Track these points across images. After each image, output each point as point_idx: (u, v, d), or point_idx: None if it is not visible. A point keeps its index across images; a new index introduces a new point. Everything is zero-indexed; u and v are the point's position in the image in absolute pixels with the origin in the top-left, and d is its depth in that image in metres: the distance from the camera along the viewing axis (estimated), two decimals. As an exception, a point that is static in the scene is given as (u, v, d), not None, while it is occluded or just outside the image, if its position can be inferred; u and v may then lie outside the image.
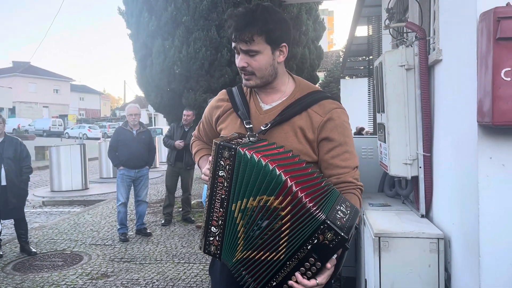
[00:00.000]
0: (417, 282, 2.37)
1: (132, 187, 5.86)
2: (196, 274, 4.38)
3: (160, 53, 8.37)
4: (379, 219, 2.68)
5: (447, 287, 2.37)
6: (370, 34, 7.49)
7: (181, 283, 4.16)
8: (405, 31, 3.13)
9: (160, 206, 7.61)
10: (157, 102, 9.07)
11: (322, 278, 1.29)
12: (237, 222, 1.37)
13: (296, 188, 1.27)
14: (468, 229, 2.03)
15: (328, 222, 1.22)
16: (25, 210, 5.30)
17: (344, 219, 1.29)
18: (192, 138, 1.91)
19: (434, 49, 2.62)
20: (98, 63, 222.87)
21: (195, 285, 4.11)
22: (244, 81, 1.56)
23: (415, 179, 2.78)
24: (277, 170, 1.30)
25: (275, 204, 1.30)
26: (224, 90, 1.71)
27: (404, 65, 2.68)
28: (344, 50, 17.36)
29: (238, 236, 1.37)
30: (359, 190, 1.53)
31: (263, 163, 1.31)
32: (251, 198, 1.33)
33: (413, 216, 2.76)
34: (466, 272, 2.09)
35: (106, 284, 4.17)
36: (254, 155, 1.33)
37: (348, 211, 1.34)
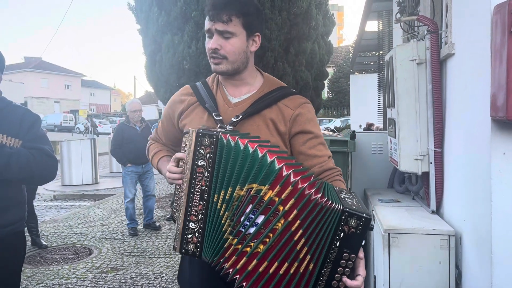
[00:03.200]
0: (427, 279, 2.35)
1: (138, 183, 5.89)
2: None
3: (170, 48, 8.37)
4: (388, 215, 2.65)
5: (457, 284, 2.34)
6: (380, 29, 7.41)
7: (189, 277, 4.18)
8: (416, 24, 3.08)
9: (169, 200, 7.65)
10: (166, 97, 9.07)
11: (362, 270, 1.22)
12: (220, 214, 1.26)
13: (295, 178, 1.20)
14: (480, 226, 2.00)
15: (347, 209, 1.17)
16: (36, 204, 5.35)
17: (355, 202, 1.25)
18: (149, 142, 1.79)
19: (446, 43, 2.58)
20: (109, 58, 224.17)
21: (203, 279, 4.12)
22: (213, 66, 1.48)
23: (426, 175, 2.75)
24: (268, 156, 1.22)
25: (270, 195, 1.21)
26: (187, 85, 1.64)
27: (415, 59, 2.64)
28: (354, 45, 17.23)
29: (223, 230, 1.26)
30: (340, 175, 1.54)
31: (251, 148, 1.23)
32: (237, 186, 1.24)
33: (424, 212, 2.73)
34: (478, 269, 2.06)
35: (115, 277, 4.21)
36: (239, 140, 1.25)
37: (351, 196, 1.31)
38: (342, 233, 1.18)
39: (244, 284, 1.25)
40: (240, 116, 1.45)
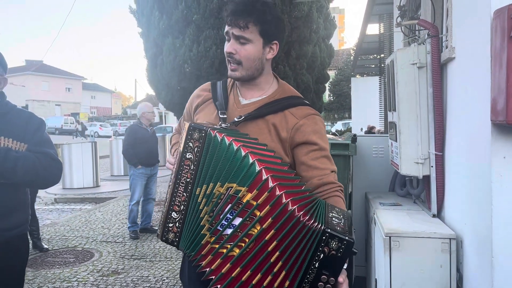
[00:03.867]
0: (428, 283, 2.35)
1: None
2: (205, 272, 4.40)
3: (171, 51, 8.40)
4: (390, 219, 2.65)
5: (459, 287, 2.34)
6: (382, 32, 7.42)
7: (190, 280, 4.18)
8: (417, 28, 3.09)
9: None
10: (167, 101, 9.11)
11: None
12: (200, 208, 1.29)
13: (273, 183, 1.19)
14: (481, 229, 2.00)
15: (328, 230, 1.13)
16: (37, 207, 5.36)
17: (341, 223, 1.20)
18: (173, 133, 1.84)
19: (446, 47, 2.59)
20: (110, 61, 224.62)
21: (204, 283, 4.12)
22: (229, 72, 1.51)
23: (427, 178, 2.75)
24: (250, 157, 1.22)
25: (247, 198, 1.21)
26: (209, 82, 1.69)
27: (416, 63, 2.65)
28: (355, 48, 17.25)
29: (201, 224, 1.28)
30: (341, 191, 1.49)
31: (235, 147, 1.24)
32: (218, 183, 1.25)
33: (425, 216, 2.73)
34: (479, 273, 2.06)
35: (116, 280, 4.21)
36: (225, 138, 1.27)
37: (341, 216, 1.25)
38: (322, 254, 1.14)
39: (218, 286, 1.25)
40: (243, 117, 1.47)
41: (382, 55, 7.76)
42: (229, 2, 1.48)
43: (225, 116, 1.49)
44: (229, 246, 1.24)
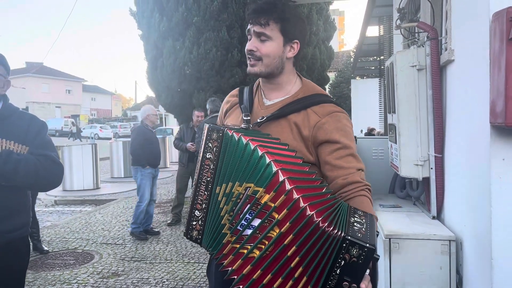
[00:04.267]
0: (428, 284, 2.35)
1: None
2: (205, 274, 4.39)
3: (171, 53, 8.41)
4: (389, 220, 2.66)
5: (458, 289, 2.35)
6: (381, 34, 7.44)
7: (190, 282, 4.17)
8: (416, 31, 3.11)
9: (170, 205, 7.64)
10: (167, 103, 9.12)
11: None
12: (220, 206, 1.31)
13: (290, 186, 1.18)
14: (480, 231, 2.01)
15: (349, 237, 1.11)
16: (37, 209, 5.36)
17: (363, 229, 1.17)
18: None
19: (446, 49, 2.60)
20: (110, 63, 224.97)
21: (204, 284, 4.12)
22: (248, 68, 1.53)
23: (426, 180, 2.76)
24: (267, 158, 1.22)
25: (265, 199, 1.21)
26: (237, 88, 1.73)
27: (415, 66, 2.66)
28: (355, 50, 17.27)
29: (222, 223, 1.30)
30: (367, 190, 1.45)
31: (252, 147, 1.25)
32: (236, 182, 1.27)
33: (424, 218, 2.74)
34: (478, 275, 2.06)
35: (116, 283, 4.21)
36: (242, 137, 1.28)
37: (364, 220, 1.23)
38: (343, 261, 1.12)
39: (240, 287, 1.26)
40: (264, 118, 1.49)
41: (382, 57, 7.77)
42: (251, 2, 1.51)
43: (248, 118, 1.51)
44: (249, 247, 1.25)
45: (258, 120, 1.48)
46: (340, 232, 1.13)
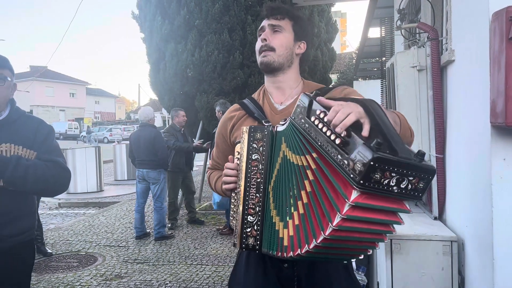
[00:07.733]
0: (430, 285, 2.34)
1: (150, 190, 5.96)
2: (208, 276, 4.40)
3: (173, 56, 8.43)
4: (391, 221, 2.65)
5: (460, 290, 2.34)
6: (383, 35, 7.43)
7: (193, 284, 4.18)
8: (417, 31, 3.11)
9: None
10: (170, 105, 9.13)
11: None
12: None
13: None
14: (482, 232, 2.00)
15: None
16: (41, 212, 5.38)
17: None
18: (208, 172, 1.82)
19: (446, 50, 2.60)
20: (113, 66, 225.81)
21: (207, 286, 4.12)
22: (260, 59, 1.59)
23: (428, 181, 2.75)
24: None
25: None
26: (235, 104, 1.74)
27: (416, 66, 2.66)
28: (357, 51, 17.26)
29: (273, 221, 1.29)
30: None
31: None
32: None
33: (426, 219, 2.73)
34: (480, 275, 2.06)
35: (119, 285, 4.22)
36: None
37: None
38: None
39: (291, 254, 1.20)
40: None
41: (384, 58, 7.76)
42: (265, 5, 1.66)
43: (270, 123, 1.50)
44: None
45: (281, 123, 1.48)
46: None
